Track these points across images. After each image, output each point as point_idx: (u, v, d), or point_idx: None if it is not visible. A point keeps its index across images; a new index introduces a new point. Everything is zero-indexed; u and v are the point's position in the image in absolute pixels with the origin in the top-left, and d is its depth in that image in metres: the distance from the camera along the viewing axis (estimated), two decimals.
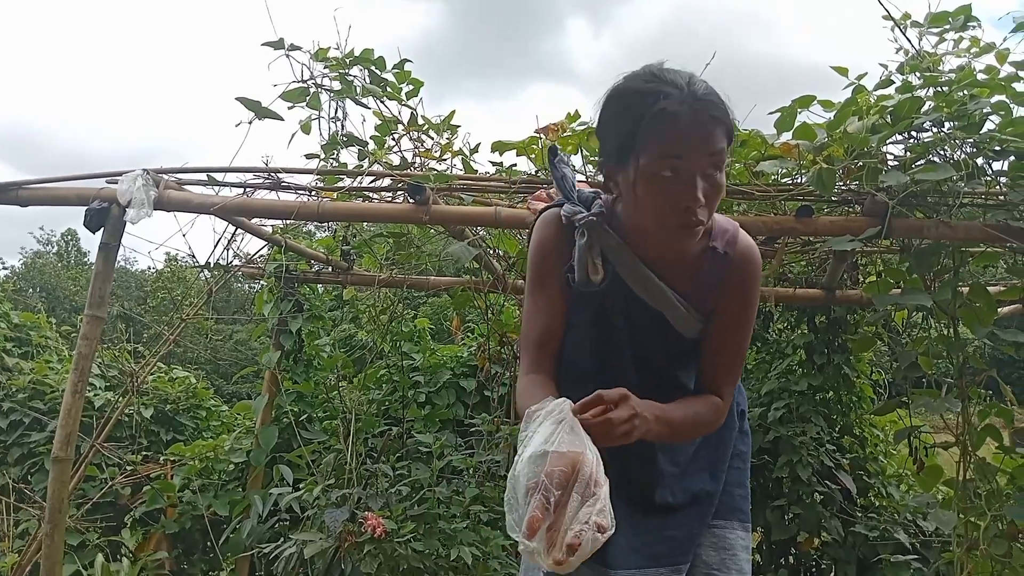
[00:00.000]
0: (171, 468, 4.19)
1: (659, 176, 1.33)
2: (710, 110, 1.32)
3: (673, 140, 1.31)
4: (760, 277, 1.58)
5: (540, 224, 1.58)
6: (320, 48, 2.92)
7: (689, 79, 1.33)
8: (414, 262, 3.68)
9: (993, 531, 2.63)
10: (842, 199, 2.71)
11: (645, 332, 1.55)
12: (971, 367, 2.67)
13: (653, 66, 1.38)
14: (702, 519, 1.64)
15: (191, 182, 2.95)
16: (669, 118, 1.30)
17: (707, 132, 1.32)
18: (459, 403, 4.39)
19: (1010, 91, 2.46)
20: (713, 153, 1.33)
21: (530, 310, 1.56)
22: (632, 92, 1.36)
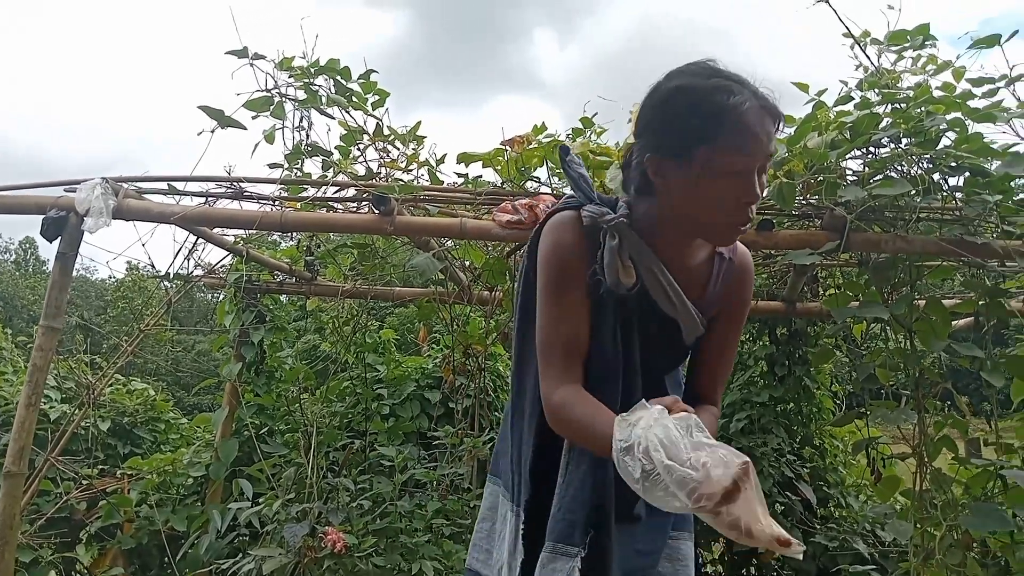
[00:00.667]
0: (128, 482, 4.10)
1: (727, 171, 1.34)
2: (772, 105, 1.36)
3: (747, 137, 1.33)
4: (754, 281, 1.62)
5: (555, 227, 1.50)
6: (285, 57, 2.90)
7: (739, 75, 1.37)
8: (379, 273, 3.66)
9: (948, 541, 2.67)
10: (802, 213, 2.75)
11: (655, 338, 1.54)
12: (927, 379, 2.71)
13: (707, 64, 1.39)
14: (663, 530, 1.63)
15: (151, 191, 2.90)
16: (745, 115, 1.32)
17: (770, 132, 1.36)
18: (424, 415, 4.36)
19: (965, 108, 2.51)
20: (771, 152, 1.37)
21: (552, 316, 1.48)
22: (698, 88, 1.35)
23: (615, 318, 1.50)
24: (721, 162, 1.33)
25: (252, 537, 3.52)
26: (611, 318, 1.50)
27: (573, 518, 1.46)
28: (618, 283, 1.45)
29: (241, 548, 3.48)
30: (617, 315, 1.50)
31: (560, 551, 1.45)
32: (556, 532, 1.47)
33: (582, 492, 1.47)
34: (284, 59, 2.86)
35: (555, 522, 1.48)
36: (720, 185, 1.35)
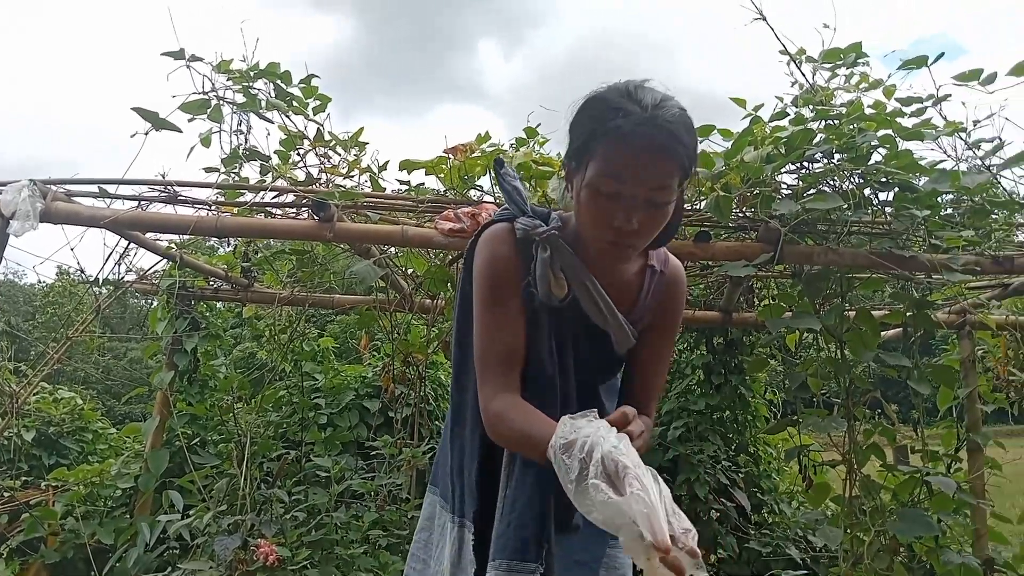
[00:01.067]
0: (53, 494, 3.95)
1: (600, 191, 1.33)
2: (665, 139, 1.29)
3: (618, 162, 1.31)
4: (686, 295, 1.63)
5: (490, 239, 1.51)
6: (223, 60, 2.84)
7: (659, 102, 1.31)
8: (318, 280, 3.60)
9: (877, 546, 2.74)
10: (738, 225, 2.80)
11: (586, 350, 1.55)
12: (857, 388, 2.78)
13: (633, 81, 1.36)
14: (603, 540, 1.63)
15: (82, 194, 2.81)
16: (620, 139, 1.30)
17: (655, 162, 1.31)
18: (362, 424, 4.31)
19: (895, 125, 2.59)
20: (656, 186, 1.32)
21: (488, 327, 1.48)
22: (600, 102, 1.34)
23: (549, 329, 1.51)
24: (596, 180, 1.33)
25: (183, 550, 3.42)
26: (545, 329, 1.50)
27: (525, 534, 1.45)
28: (550, 295, 1.46)
29: (171, 562, 3.38)
30: (551, 326, 1.51)
31: (516, 568, 1.44)
32: (509, 549, 1.45)
33: (531, 507, 1.46)
34: (222, 62, 2.80)
35: (505, 539, 1.46)
36: (593, 203, 1.35)
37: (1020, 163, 2.65)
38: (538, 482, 1.47)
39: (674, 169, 1.32)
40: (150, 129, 2.74)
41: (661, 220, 1.37)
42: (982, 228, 2.66)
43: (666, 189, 1.33)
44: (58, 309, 17.00)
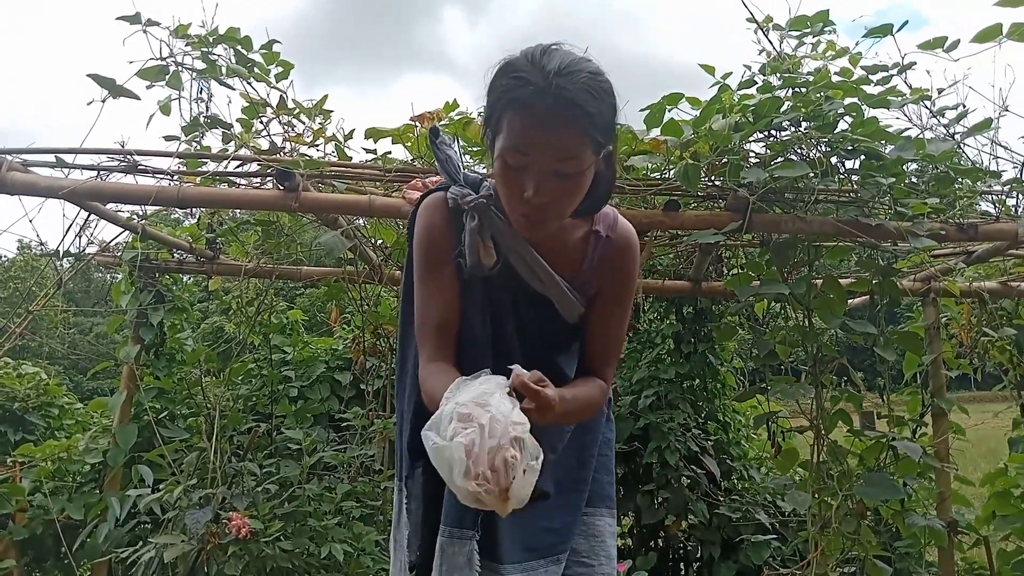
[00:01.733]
0: (20, 470, 3.90)
1: (507, 163, 1.32)
2: (566, 108, 1.25)
3: (520, 134, 1.28)
4: (639, 260, 1.61)
5: (425, 209, 1.52)
6: (181, 24, 2.76)
7: (563, 68, 1.26)
8: (284, 252, 3.55)
9: (844, 510, 2.79)
10: (707, 194, 2.80)
11: (530, 317, 1.54)
12: (824, 355, 2.81)
13: (541, 45, 1.32)
14: (575, 508, 1.64)
15: (38, 163, 2.74)
16: (520, 109, 1.28)
17: (556, 132, 1.27)
18: (334, 397, 4.28)
19: (862, 93, 2.60)
20: (560, 157, 1.29)
21: (423, 297, 1.50)
22: (507, 68, 1.31)
23: (483, 298, 1.51)
24: (503, 151, 1.31)
25: (154, 525, 3.40)
26: (478, 298, 1.51)
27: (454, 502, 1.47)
28: (478, 264, 1.46)
29: (142, 536, 3.35)
30: (485, 295, 1.51)
31: (456, 535, 1.48)
32: (451, 517, 1.49)
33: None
34: (180, 26, 2.73)
35: (449, 506, 1.50)
36: (502, 175, 1.34)
37: (983, 131, 2.67)
38: None
39: (580, 138, 1.29)
40: (107, 96, 2.67)
41: (574, 190, 1.35)
42: (947, 196, 2.69)
43: (575, 159, 1.30)
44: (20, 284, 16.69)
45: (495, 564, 1.50)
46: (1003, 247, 3.01)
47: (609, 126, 1.34)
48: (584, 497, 1.66)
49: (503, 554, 1.51)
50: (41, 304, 3.33)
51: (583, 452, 1.66)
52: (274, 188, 2.69)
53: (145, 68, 2.71)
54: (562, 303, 1.53)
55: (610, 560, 1.68)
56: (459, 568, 1.47)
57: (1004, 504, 3.59)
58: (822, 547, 2.77)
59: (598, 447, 1.70)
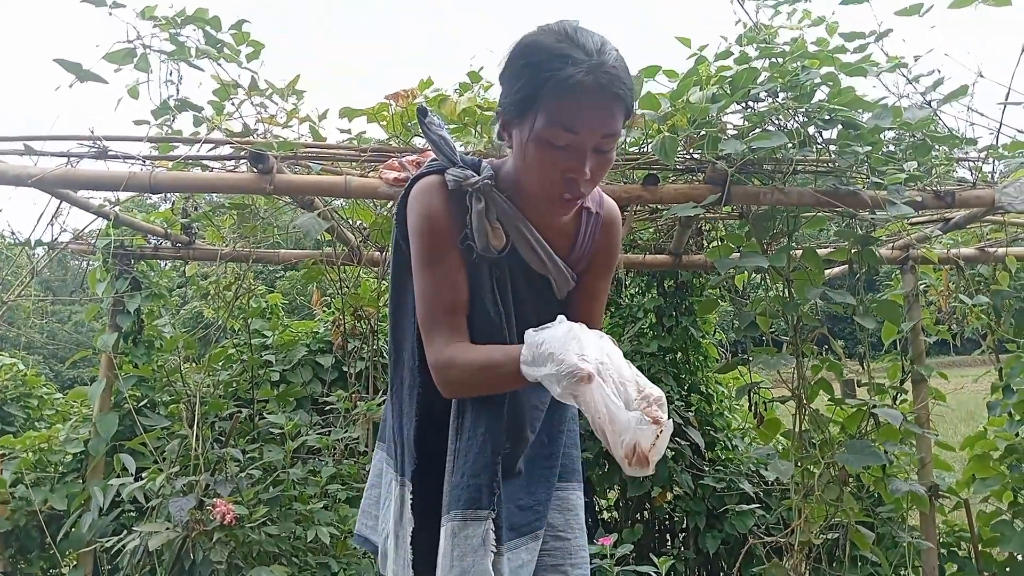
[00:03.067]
0: (0, 462, 3.86)
1: (551, 144, 1.30)
2: (614, 86, 1.28)
3: (572, 112, 1.28)
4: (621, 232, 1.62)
5: (421, 192, 1.47)
6: (147, 6, 2.71)
7: (601, 46, 1.29)
8: (262, 235, 3.51)
9: (827, 477, 2.82)
10: (686, 167, 2.79)
11: (524, 295, 1.54)
12: (805, 325, 2.83)
13: (568, 24, 1.32)
14: (548, 483, 1.63)
15: (7, 152, 2.68)
16: (571, 88, 1.26)
17: (606, 110, 1.29)
18: (316, 380, 4.26)
19: (838, 63, 2.59)
20: (607, 133, 1.31)
21: (431, 285, 1.45)
22: (541, 49, 1.29)
23: (491, 280, 1.49)
24: (546, 132, 1.30)
25: (139, 513, 3.38)
26: (487, 280, 1.48)
27: (478, 482, 1.47)
28: (488, 247, 1.45)
29: (127, 525, 3.34)
30: (493, 276, 1.49)
31: (471, 517, 1.46)
32: (463, 499, 1.47)
33: (482, 456, 1.48)
34: (146, 8, 2.67)
35: (460, 490, 1.48)
36: (543, 154, 1.32)
37: (959, 98, 2.67)
38: (489, 433, 1.48)
39: (620, 115, 1.32)
40: (74, 81, 2.62)
41: (607, 167, 1.37)
42: (924, 163, 2.69)
43: (615, 135, 1.33)
44: None
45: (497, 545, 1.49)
46: (980, 213, 3.03)
47: (633, 102, 1.36)
48: (556, 472, 1.65)
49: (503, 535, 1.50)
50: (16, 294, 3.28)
51: (552, 428, 1.66)
52: (248, 171, 2.65)
53: (112, 52, 2.65)
54: (559, 281, 1.55)
55: (583, 532, 1.69)
56: (474, 550, 1.45)
57: (983, 467, 3.64)
58: (806, 514, 2.79)
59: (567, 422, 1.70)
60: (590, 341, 1.21)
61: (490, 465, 1.47)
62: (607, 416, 1.15)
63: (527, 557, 1.56)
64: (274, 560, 2.92)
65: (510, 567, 1.51)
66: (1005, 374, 3.59)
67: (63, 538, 3.58)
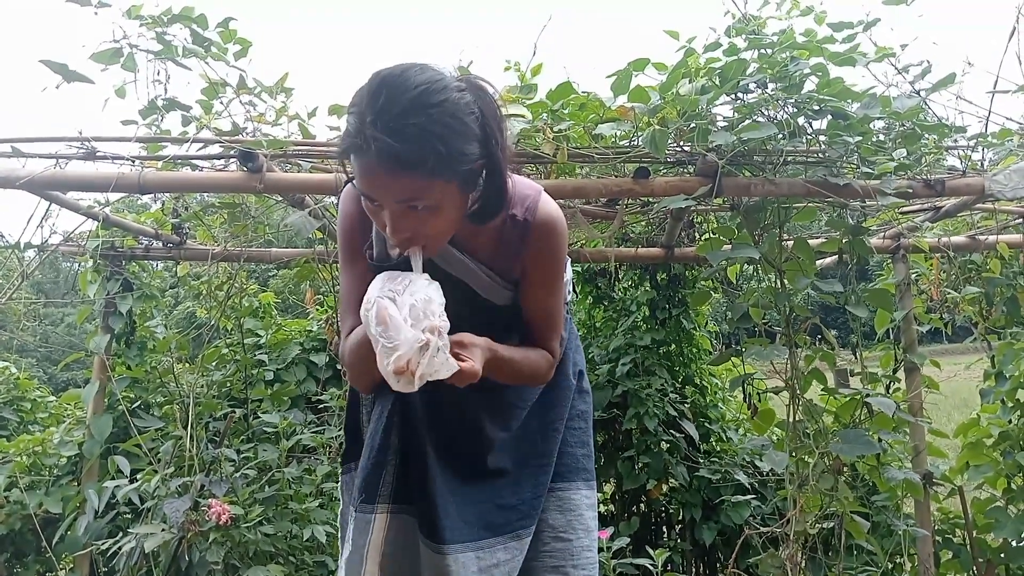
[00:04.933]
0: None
1: (365, 201, 1.32)
2: (390, 164, 1.20)
3: (362, 182, 1.27)
4: (565, 238, 1.55)
5: (344, 196, 1.54)
6: (133, 5, 2.69)
7: (383, 115, 1.19)
8: (251, 234, 3.50)
9: (821, 467, 2.82)
10: (676, 160, 2.79)
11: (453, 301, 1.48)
12: (797, 316, 2.83)
13: (385, 74, 1.25)
14: (537, 483, 1.63)
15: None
16: (354, 159, 1.25)
17: (388, 183, 1.24)
18: (310, 379, 4.25)
19: (827, 53, 2.59)
20: (405, 199, 1.25)
21: (344, 283, 1.54)
22: (354, 101, 1.25)
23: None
24: (360, 192, 1.31)
25: (134, 515, 3.37)
26: None
27: (364, 476, 1.54)
28: (385, 254, 1.48)
29: (122, 527, 3.33)
30: None
31: (360, 510, 1.53)
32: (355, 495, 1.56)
33: (365, 455, 1.56)
34: (132, 7, 2.65)
35: (356, 484, 1.57)
36: (368, 210, 1.34)
37: (948, 86, 2.67)
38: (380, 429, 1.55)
39: (417, 182, 1.23)
40: (61, 82, 2.60)
41: (438, 219, 1.30)
42: (913, 152, 2.70)
43: (422, 197, 1.26)
44: None
45: (436, 544, 1.50)
46: (970, 201, 3.04)
47: (459, 154, 1.26)
48: (548, 471, 1.65)
49: (445, 533, 1.50)
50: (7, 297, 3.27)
51: (546, 427, 1.66)
52: (238, 170, 2.64)
53: (98, 52, 2.64)
54: (480, 287, 1.52)
55: (588, 532, 1.68)
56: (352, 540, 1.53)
57: (977, 454, 3.65)
58: (801, 504, 2.80)
59: (564, 422, 1.69)
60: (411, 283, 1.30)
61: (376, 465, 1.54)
62: (387, 326, 1.23)
63: (504, 556, 1.56)
64: (271, 560, 2.92)
65: (480, 565, 1.52)
66: (997, 361, 3.61)
67: (59, 541, 3.57)
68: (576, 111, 2.75)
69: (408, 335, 1.21)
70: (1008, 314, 3.52)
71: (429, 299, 1.27)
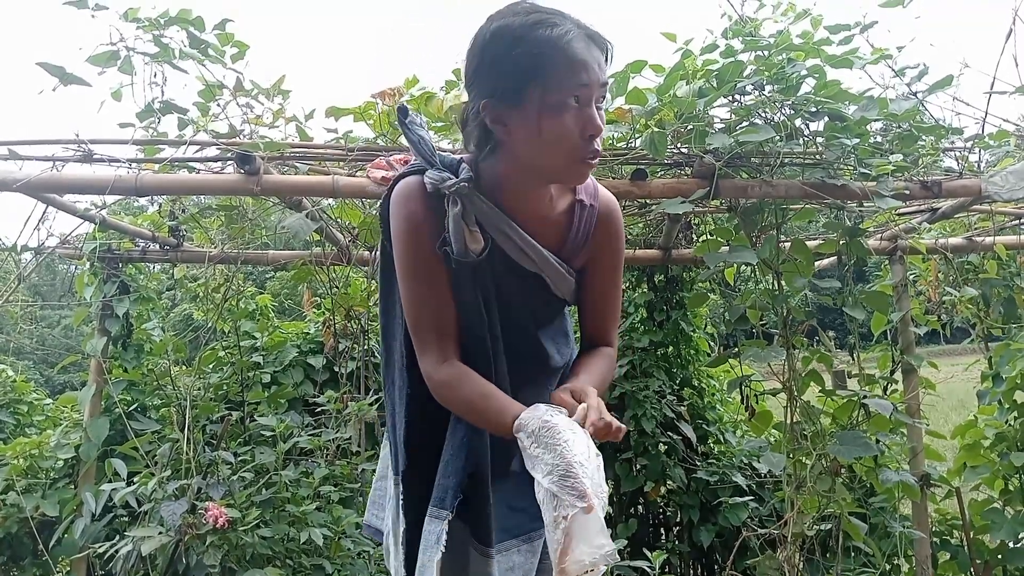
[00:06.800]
0: None
1: (567, 105, 1.32)
2: (598, 37, 1.35)
3: (576, 66, 1.31)
4: (623, 223, 1.60)
5: (401, 197, 1.44)
6: (130, 8, 2.69)
7: (565, 12, 1.35)
8: (248, 236, 3.50)
9: (819, 469, 2.83)
10: (674, 162, 2.79)
11: (512, 294, 1.51)
12: (794, 317, 2.83)
13: (523, 3, 1.36)
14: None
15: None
16: (567, 47, 1.30)
17: (599, 59, 1.35)
18: (308, 381, 4.24)
19: (824, 55, 2.59)
20: (604, 82, 1.36)
21: (417, 295, 1.44)
22: (516, 28, 1.31)
23: (473, 284, 1.46)
24: (556, 97, 1.31)
25: (131, 518, 3.36)
26: (469, 285, 1.46)
27: (447, 483, 1.47)
28: (465, 251, 1.42)
29: (119, 530, 3.32)
30: (475, 281, 1.46)
31: (435, 515, 1.47)
32: (435, 497, 1.48)
33: (456, 459, 1.48)
34: (129, 9, 2.65)
35: (437, 488, 1.50)
36: (560, 121, 1.33)
37: (945, 88, 2.68)
38: (468, 439, 1.48)
39: (607, 64, 1.38)
40: (57, 85, 2.60)
41: (603, 122, 1.40)
42: (910, 154, 2.70)
43: (607, 85, 1.38)
44: None
45: (486, 548, 1.49)
46: (967, 203, 3.04)
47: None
48: None
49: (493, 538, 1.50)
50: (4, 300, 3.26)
51: None
52: (235, 172, 2.64)
53: (95, 54, 2.63)
54: (553, 277, 1.51)
55: None
56: (430, 547, 1.46)
57: (974, 455, 3.66)
58: (798, 506, 2.80)
59: None
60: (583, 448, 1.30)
61: (462, 469, 1.47)
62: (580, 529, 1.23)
63: (519, 559, 1.55)
64: (268, 562, 2.91)
65: (499, 569, 1.51)
66: (994, 362, 3.61)
67: (55, 544, 3.56)
68: None
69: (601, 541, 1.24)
70: (1005, 315, 3.53)
71: (599, 467, 1.32)
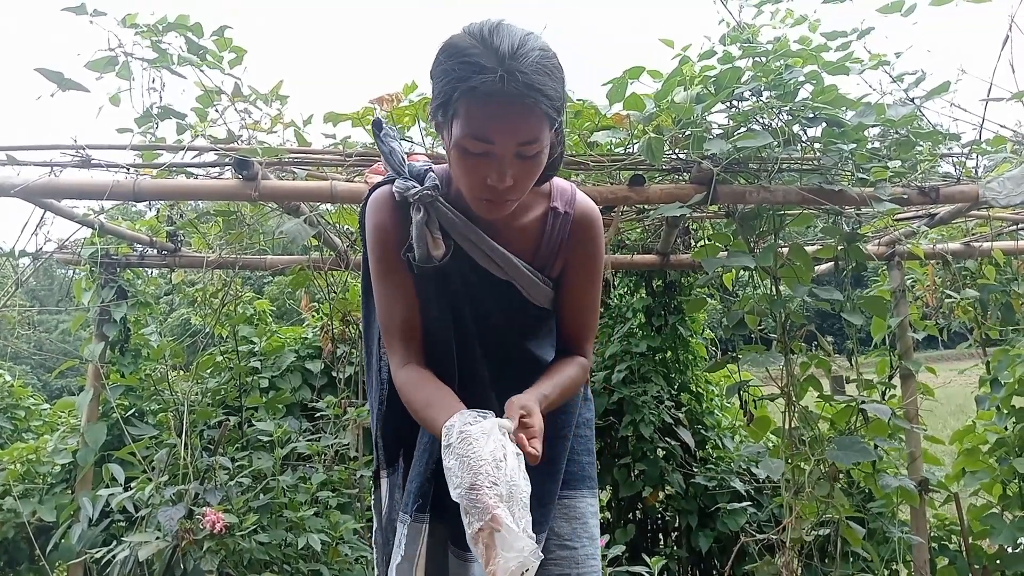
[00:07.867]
0: None
1: (469, 151, 1.29)
2: (527, 93, 1.22)
3: (483, 122, 1.25)
4: (603, 232, 1.58)
5: (372, 205, 1.49)
6: (128, 13, 2.69)
7: (516, 50, 1.22)
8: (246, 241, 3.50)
9: (817, 474, 2.83)
10: (672, 167, 2.79)
11: (491, 303, 1.52)
12: (793, 322, 2.83)
13: (487, 24, 1.27)
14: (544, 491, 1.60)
15: None
16: (481, 98, 1.23)
17: (519, 117, 1.25)
18: (305, 386, 4.24)
19: (821, 61, 2.60)
20: (522, 142, 1.27)
21: (385, 298, 1.48)
22: (456, 53, 1.26)
23: (437, 291, 1.49)
24: (463, 140, 1.28)
25: (128, 523, 3.35)
26: (433, 291, 1.49)
27: (410, 487, 1.51)
28: (427, 256, 1.43)
29: (116, 535, 3.31)
30: (441, 287, 1.49)
31: (401, 518, 1.51)
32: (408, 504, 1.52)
33: (419, 463, 1.51)
34: (128, 15, 2.65)
35: (406, 494, 1.53)
36: (464, 163, 1.30)
37: (942, 94, 2.68)
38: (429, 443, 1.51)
39: (541, 120, 1.27)
40: (56, 90, 2.60)
41: (535, 170, 1.34)
42: (908, 160, 2.70)
43: (536, 142, 1.28)
44: None
45: (464, 552, 1.49)
46: (965, 208, 3.05)
47: (562, 101, 1.32)
48: (558, 477, 1.64)
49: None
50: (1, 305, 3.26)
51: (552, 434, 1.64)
52: (233, 177, 2.64)
53: (94, 60, 2.64)
54: (527, 287, 1.52)
55: (593, 541, 1.67)
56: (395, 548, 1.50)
57: (973, 460, 3.65)
58: (797, 511, 2.80)
59: (573, 426, 1.68)
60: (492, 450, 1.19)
61: (421, 474, 1.50)
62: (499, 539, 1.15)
63: None
64: (265, 568, 2.90)
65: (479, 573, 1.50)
66: (992, 368, 3.61)
67: (52, 550, 3.55)
68: (571, 119, 2.76)
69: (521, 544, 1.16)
70: (1003, 320, 3.53)
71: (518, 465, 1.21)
